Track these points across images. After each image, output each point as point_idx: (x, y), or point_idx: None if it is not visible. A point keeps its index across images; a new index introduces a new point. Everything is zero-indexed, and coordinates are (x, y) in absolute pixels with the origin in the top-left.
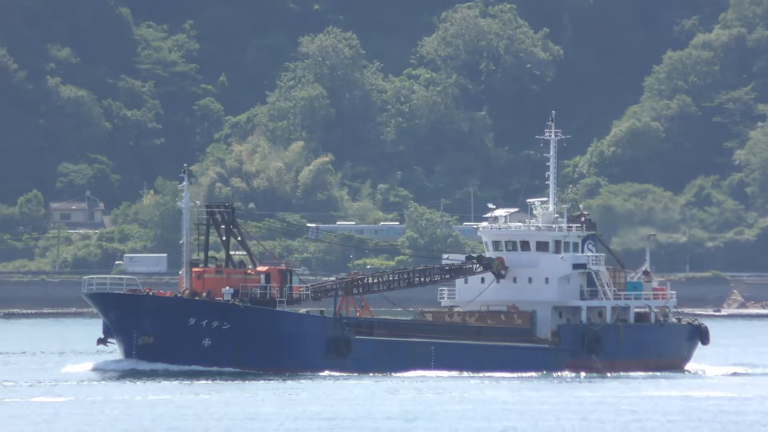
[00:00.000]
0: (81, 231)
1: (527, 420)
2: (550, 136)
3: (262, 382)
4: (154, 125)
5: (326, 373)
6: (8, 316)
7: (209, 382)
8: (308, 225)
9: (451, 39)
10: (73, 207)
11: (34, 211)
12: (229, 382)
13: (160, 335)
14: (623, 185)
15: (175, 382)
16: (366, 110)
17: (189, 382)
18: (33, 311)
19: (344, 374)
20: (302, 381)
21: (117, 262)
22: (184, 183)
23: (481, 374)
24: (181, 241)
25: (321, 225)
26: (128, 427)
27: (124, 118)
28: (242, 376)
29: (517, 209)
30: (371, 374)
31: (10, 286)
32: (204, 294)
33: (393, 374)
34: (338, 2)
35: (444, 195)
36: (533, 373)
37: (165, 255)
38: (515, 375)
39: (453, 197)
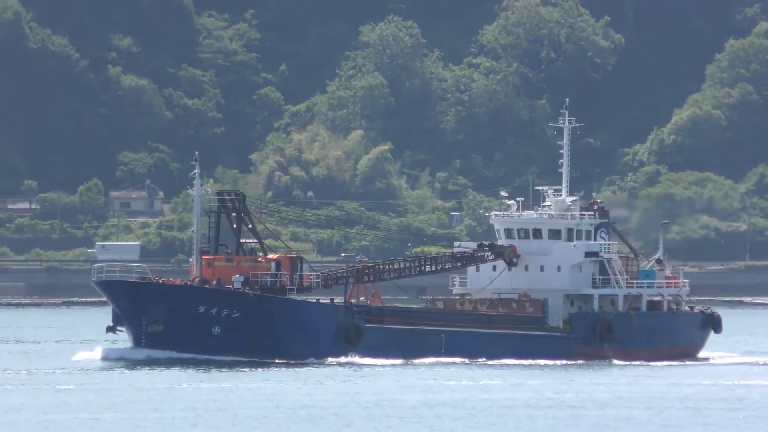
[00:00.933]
0: (141, 219)
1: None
2: (564, 123)
3: (326, 369)
4: (214, 114)
5: (339, 359)
6: (68, 304)
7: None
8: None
9: (512, 27)
10: (133, 195)
11: (94, 199)
12: (290, 370)
13: (170, 323)
14: (683, 173)
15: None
16: (426, 99)
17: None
18: (93, 299)
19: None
20: (363, 372)
21: (90, 250)
22: (196, 170)
23: (496, 362)
24: (192, 229)
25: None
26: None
27: (185, 107)
28: (262, 365)
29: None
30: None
31: (69, 274)
32: (214, 282)
33: (408, 362)
34: None
35: (503, 183)
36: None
37: (138, 243)
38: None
39: (512, 185)
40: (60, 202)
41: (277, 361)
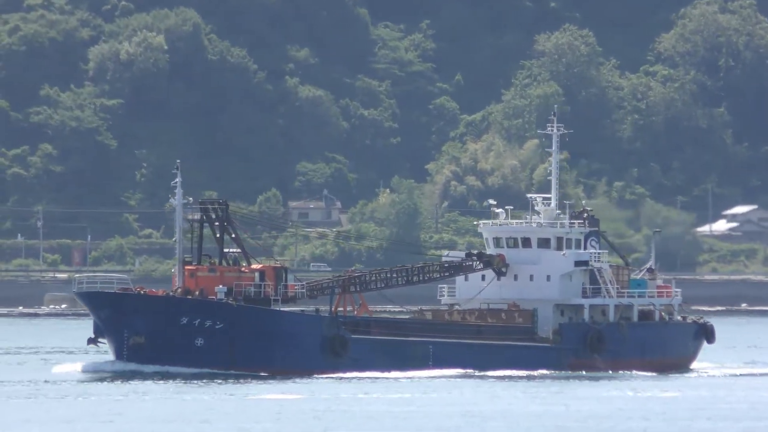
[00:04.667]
0: (318, 229)
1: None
2: (552, 131)
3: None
4: (390, 124)
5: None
6: None
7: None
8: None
9: (689, 35)
10: (311, 206)
11: (273, 209)
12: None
13: (152, 335)
14: None
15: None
16: (602, 107)
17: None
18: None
19: (341, 375)
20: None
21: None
22: (177, 179)
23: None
24: (173, 239)
25: None
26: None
27: (361, 117)
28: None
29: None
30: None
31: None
32: (197, 293)
33: (390, 374)
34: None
35: (681, 192)
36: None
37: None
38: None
39: (690, 194)
40: (239, 213)
41: (261, 374)
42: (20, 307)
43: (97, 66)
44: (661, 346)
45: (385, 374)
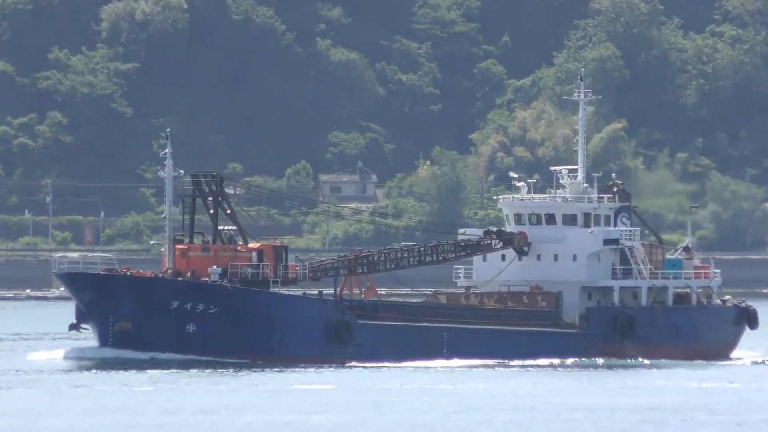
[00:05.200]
0: (352, 205)
1: None
2: (579, 96)
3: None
4: (430, 90)
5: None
6: None
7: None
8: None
9: None
10: (344, 179)
11: (302, 183)
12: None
13: (139, 320)
14: None
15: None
16: (664, 71)
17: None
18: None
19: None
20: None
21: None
22: (167, 150)
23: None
24: (163, 215)
25: None
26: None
27: (399, 82)
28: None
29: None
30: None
31: None
32: (189, 274)
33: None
34: None
35: (750, 164)
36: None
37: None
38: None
39: (760, 166)
40: (266, 187)
41: (259, 362)
42: (28, 290)
43: (110, 27)
44: (698, 332)
45: (394, 364)
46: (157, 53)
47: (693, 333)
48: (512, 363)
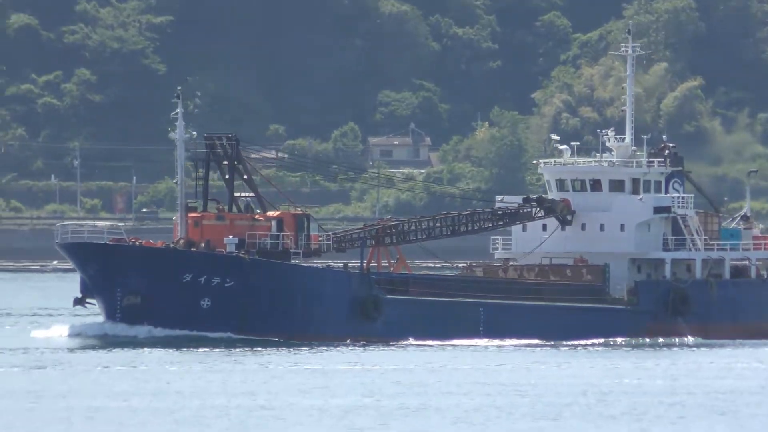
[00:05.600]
0: (404, 170)
1: None
2: (627, 51)
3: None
4: (489, 45)
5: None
6: None
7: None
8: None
9: None
10: (395, 142)
11: (350, 147)
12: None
13: (149, 294)
14: None
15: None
16: (744, 24)
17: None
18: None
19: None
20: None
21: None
22: (179, 109)
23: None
24: (174, 180)
25: None
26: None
27: (455, 37)
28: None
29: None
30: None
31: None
32: (202, 244)
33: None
34: None
35: None
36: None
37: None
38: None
39: None
40: (311, 151)
41: (276, 339)
42: (55, 262)
43: None
44: (758, 308)
45: (424, 342)
46: (192, 5)
47: (753, 309)
48: (562, 342)
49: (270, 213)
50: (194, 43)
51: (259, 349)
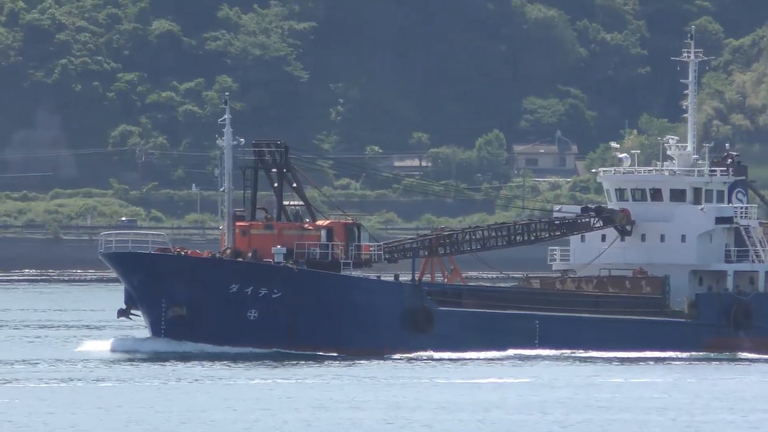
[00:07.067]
0: (550, 179)
1: None
2: (689, 57)
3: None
4: (637, 51)
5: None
6: None
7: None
8: None
9: None
10: (541, 150)
11: (494, 155)
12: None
13: (195, 306)
14: None
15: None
16: None
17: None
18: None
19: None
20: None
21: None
22: (226, 116)
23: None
24: (222, 188)
25: None
26: None
27: (603, 42)
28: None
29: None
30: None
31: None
32: (250, 254)
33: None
34: None
35: None
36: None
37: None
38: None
39: None
40: (455, 159)
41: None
42: None
43: None
44: None
45: (478, 354)
46: (336, 11)
47: None
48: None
49: (320, 222)
50: (337, 50)
51: (352, 362)
